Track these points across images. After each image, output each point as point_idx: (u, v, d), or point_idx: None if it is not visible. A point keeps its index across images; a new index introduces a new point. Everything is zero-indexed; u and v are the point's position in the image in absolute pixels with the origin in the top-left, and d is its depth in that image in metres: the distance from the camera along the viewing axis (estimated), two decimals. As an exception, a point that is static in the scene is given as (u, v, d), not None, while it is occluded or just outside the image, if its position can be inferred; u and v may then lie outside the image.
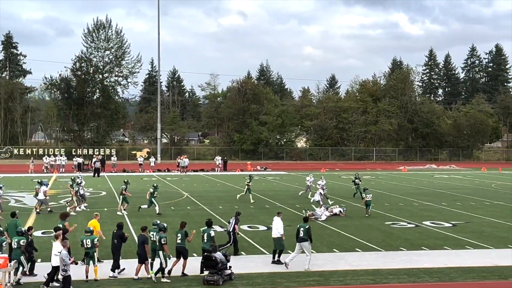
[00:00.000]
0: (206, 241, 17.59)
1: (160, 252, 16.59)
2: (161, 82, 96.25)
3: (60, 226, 17.39)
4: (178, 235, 17.32)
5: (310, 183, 36.56)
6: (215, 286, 15.92)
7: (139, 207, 29.11)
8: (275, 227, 18.76)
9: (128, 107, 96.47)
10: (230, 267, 16.68)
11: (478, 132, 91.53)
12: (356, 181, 36.61)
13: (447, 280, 16.81)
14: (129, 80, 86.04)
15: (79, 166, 58.74)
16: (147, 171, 59.35)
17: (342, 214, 28.81)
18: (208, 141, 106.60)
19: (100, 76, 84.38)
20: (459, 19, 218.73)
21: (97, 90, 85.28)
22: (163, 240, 16.57)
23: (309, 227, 17.90)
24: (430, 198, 36.88)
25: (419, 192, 40.57)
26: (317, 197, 31.02)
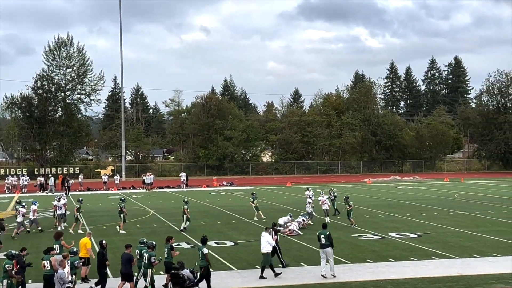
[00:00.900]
0: (201, 258, 17.00)
1: (149, 270, 16.28)
2: (124, 99, 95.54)
3: (55, 246, 17.11)
4: (165, 250, 17.29)
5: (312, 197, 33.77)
6: None
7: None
8: (264, 242, 18.73)
9: (91, 125, 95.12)
10: (197, 284, 16.54)
11: (440, 143, 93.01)
12: (331, 197, 34.68)
13: (413, 290, 16.90)
14: (92, 97, 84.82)
15: (41, 186, 57.77)
16: (112, 189, 58.68)
17: (305, 223, 28.90)
18: (173, 157, 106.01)
19: (62, 94, 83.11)
20: (418, 32, 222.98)
21: (59, 108, 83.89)
22: (152, 259, 16.22)
23: (329, 233, 18.52)
24: (395, 209, 37.25)
25: (384, 204, 40.95)
26: (308, 209, 31.03)
